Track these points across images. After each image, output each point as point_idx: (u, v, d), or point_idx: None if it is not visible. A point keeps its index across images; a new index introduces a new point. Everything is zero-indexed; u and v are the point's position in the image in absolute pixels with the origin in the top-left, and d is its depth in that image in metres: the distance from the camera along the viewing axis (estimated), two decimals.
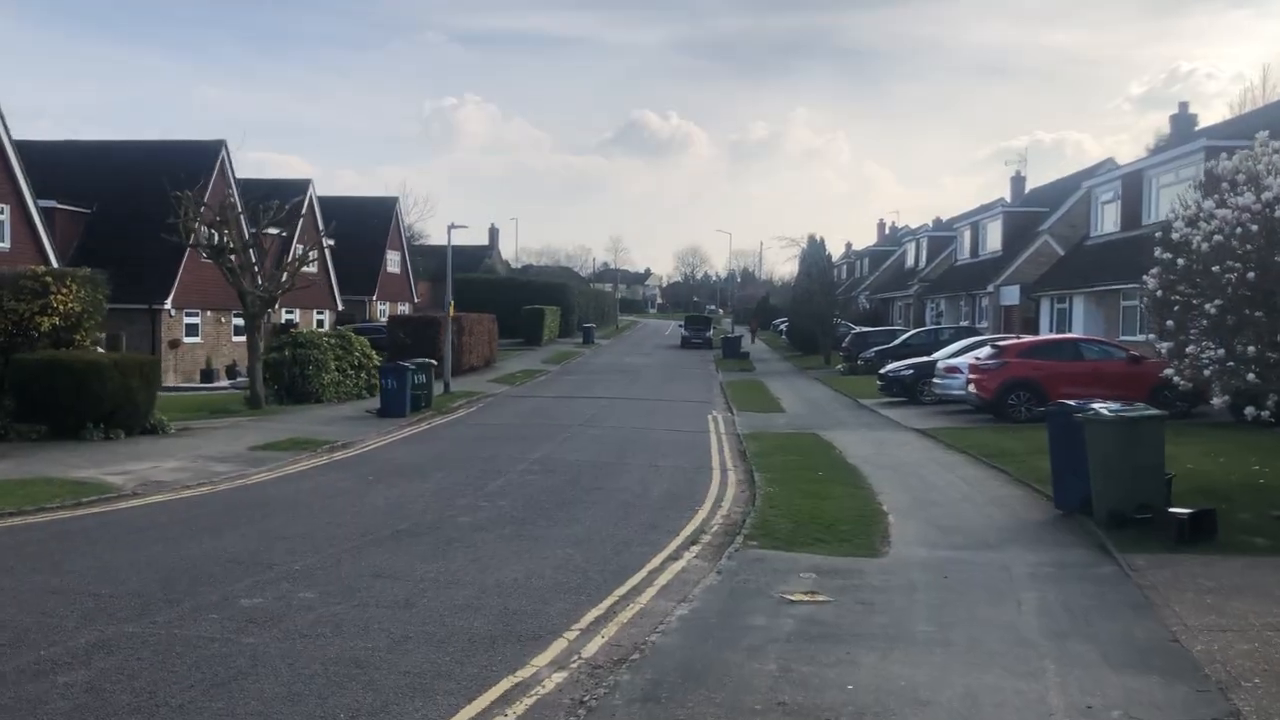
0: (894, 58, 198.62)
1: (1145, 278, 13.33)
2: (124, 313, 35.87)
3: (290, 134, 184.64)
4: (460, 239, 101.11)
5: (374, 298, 60.67)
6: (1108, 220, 33.61)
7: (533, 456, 17.39)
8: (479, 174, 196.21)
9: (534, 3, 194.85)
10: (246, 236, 26.30)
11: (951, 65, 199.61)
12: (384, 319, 53.66)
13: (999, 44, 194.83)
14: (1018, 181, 53.39)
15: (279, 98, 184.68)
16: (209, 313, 39.23)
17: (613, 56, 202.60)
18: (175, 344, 37.21)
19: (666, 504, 13.15)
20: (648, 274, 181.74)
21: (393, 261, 64.59)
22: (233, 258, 24.78)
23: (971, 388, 22.88)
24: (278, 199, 50.15)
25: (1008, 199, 51.90)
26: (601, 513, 12.40)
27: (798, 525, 11.51)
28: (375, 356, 29.17)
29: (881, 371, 29.09)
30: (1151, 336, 13.71)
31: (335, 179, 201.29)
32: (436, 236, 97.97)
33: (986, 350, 23.52)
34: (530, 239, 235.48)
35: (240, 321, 41.64)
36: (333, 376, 27.15)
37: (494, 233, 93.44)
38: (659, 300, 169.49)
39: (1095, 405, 11.71)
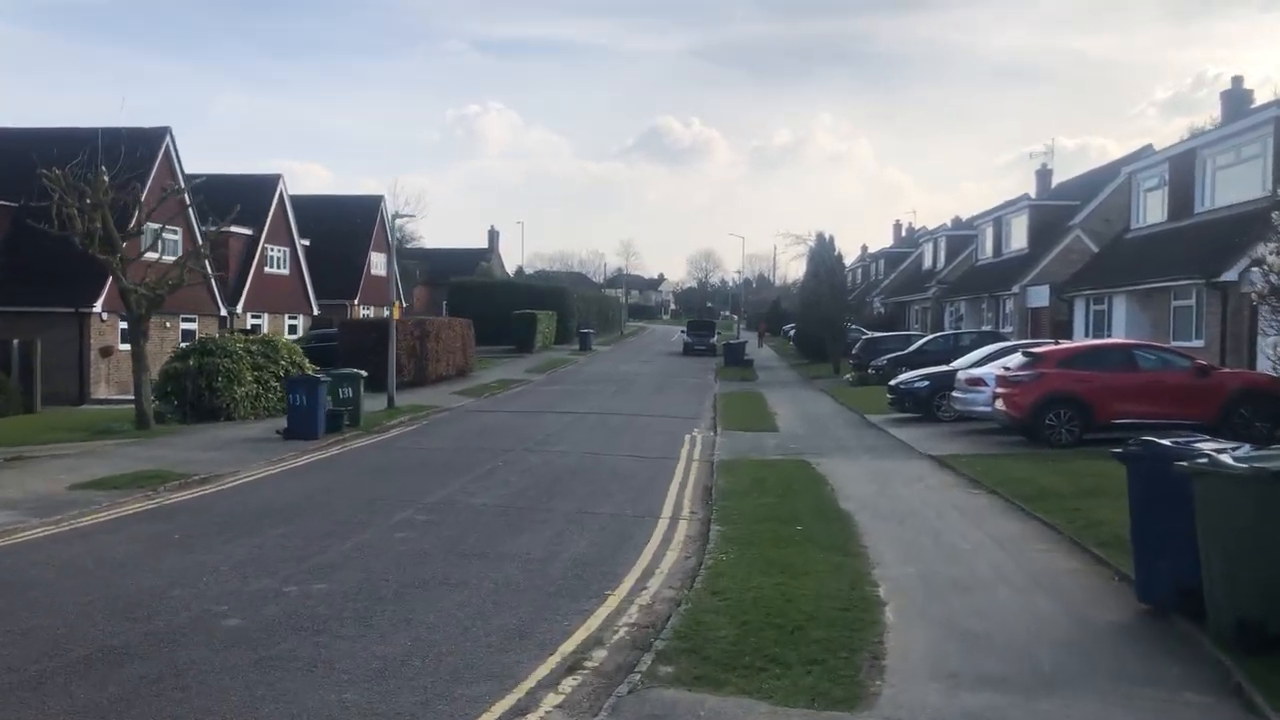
0: (916, 63, 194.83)
1: (1268, 254, 9.17)
2: (45, 317, 32.24)
3: (312, 142, 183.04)
4: (457, 241, 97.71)
5: (355, 301, 56.85)
6: (1152, 210, 29.38)
7: (430, 498, 13.38)
8: (499, 181, 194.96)
9: (556, 10, 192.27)
10: (195, 231, 22.90)
11: (974, 71, 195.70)
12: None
13: (1022, 49, 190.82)
14: (1043, 175, 48.95)
15: (301, 106, 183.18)
16: (151, 317, 35.30)
17: (635, 63, 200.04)
18: (107, 351, 33.38)
19: (566, 584, 9.11)
20: (661, 279, 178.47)
21: (377, 263, 60.77)
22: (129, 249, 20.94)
23: (1000, 404, 18.76)
24: (240, 195, 46.75)
25: (1032, 194, 47.48)
26: (458, 604, 8.37)
27: (745, 630, 7.47)
28: (308, 366, 25.26)
29: (892, 383, 24.95)
30: (1276, 339, 9.55)
31: (355, 186, 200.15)
32: (430, 238, 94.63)
33: (1018, 358, 19.38)
34: (546, 245, 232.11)
35: (190, 326, 38.01)
36: (248, 390, 23.26)
37: (493, 235, 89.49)
38: (672, 306, 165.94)
39: (1205, 445, 7.64)
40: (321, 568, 9.53)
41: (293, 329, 49.12)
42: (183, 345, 26.65)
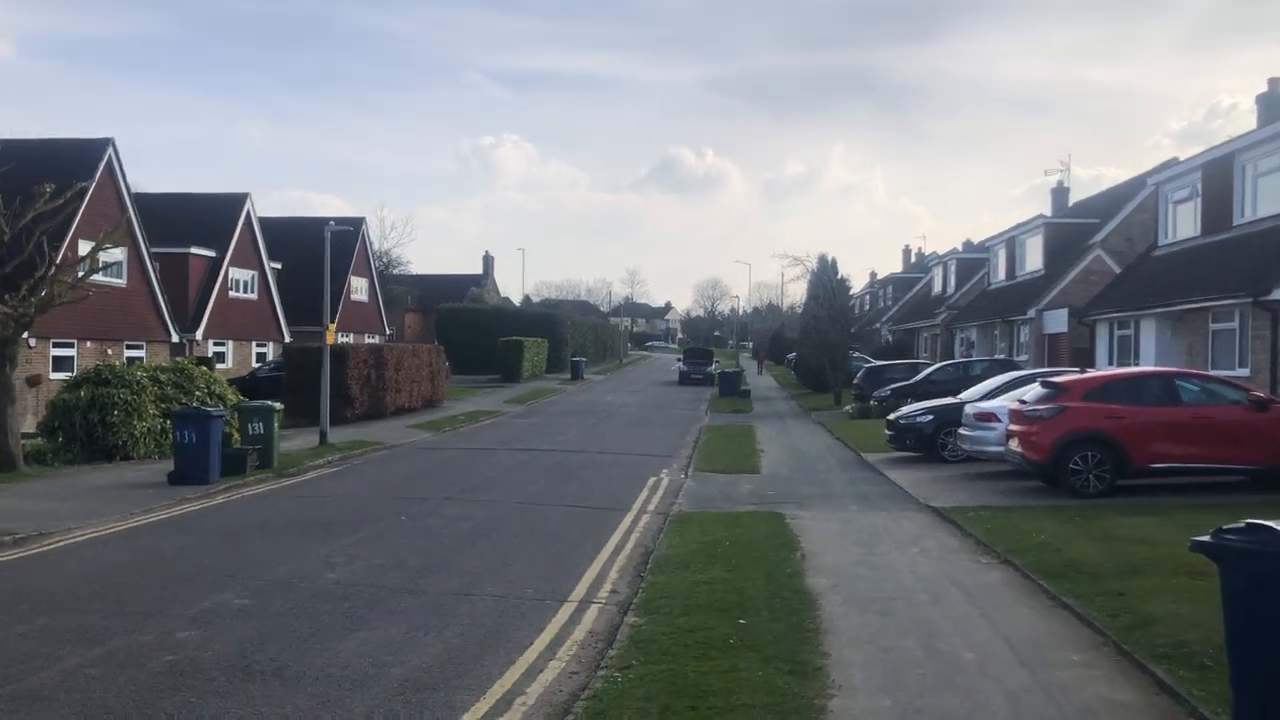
0: (929, 95, 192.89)
1: None
2: None
3: (328, 173, 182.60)
4: (450, 267, 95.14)
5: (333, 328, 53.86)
6: (1183, 224, 26.33)
7: (275, 572, 10.36)
8: (513, 212, 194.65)
9: (572, 43, 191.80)
10: (142, 250, 20.11)
11: (987, 102, 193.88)
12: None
13: (1035, 81, 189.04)
14: (1059, 193, 46.00)
15: (319, 138, 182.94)
16: (89, 343, 32.57)
17: (649, 95, 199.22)
18: (35, 381, 30.49)
19: None
20: (668, 308, 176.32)
21: (359, 289, 57.96)
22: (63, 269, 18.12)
23: (1015, 444, 15.69)
24: (201, 214, 44.13)
25: (1048, 213, 44.44)
26: None
27: None
28: (231, 397, 22.34)
29: (891, 417, 21.86)
30: None
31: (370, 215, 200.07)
32: (418, 263, 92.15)
33: (1036, 390, 16.32)
34: (555, 274, 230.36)
35: (137, 354, 35.15)
36: (151, 424, 20.32)
37: (488, 261, 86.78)
38: (679, 334, 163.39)
39: None
40: (17, 699, 6.51)
41: (261, 356, 46.45)
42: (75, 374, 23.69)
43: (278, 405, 19.54)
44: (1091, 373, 17.41)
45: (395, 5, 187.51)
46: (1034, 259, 39.13)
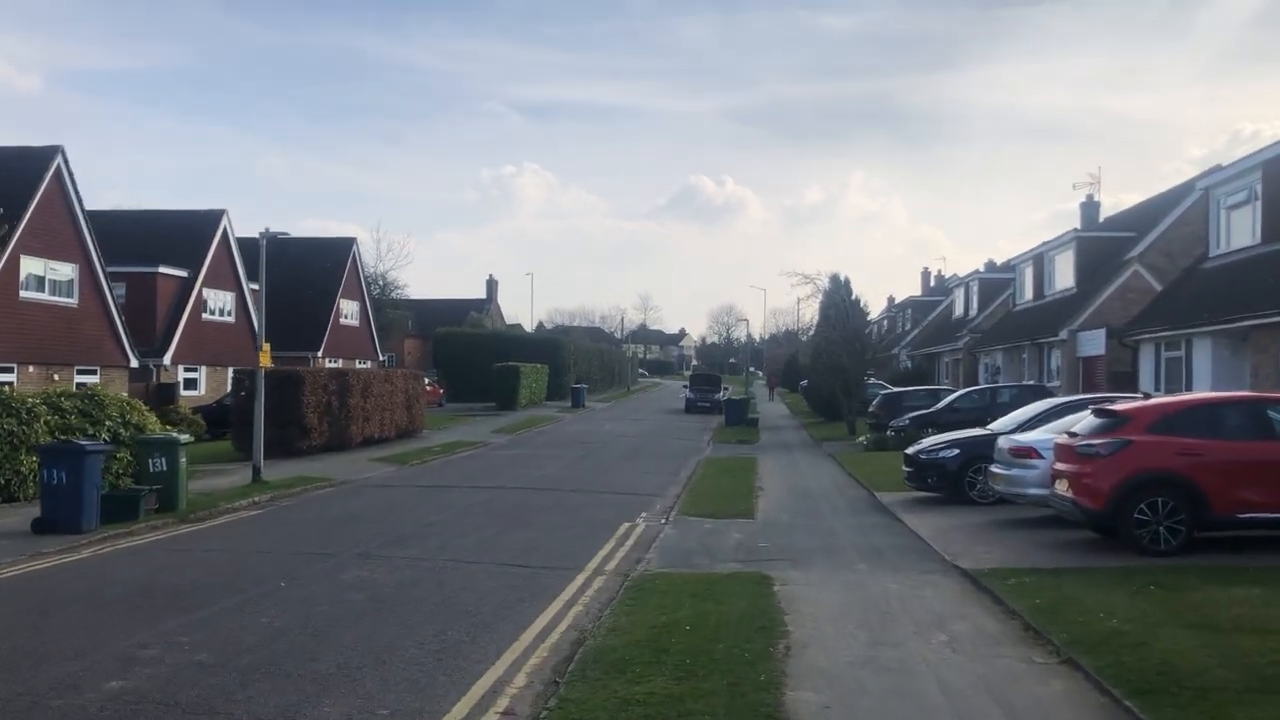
0: (949, 122, 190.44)
1: None
2: None
3: (350, 204, 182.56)
4: (452, 291, 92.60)
5: (319, 353, 51.15)
6: (1239, 231, 23.24)
7: (34, 679, 7.39)
8: (532, 239, 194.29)
9: (592, 74, 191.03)
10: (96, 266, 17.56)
11: (1007, 130, 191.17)
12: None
13: (1055, 108, 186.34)
14: (1089, 207, 42.83)
15: (339, 168, 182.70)
16: (31, 368, 29.84)
17: (670, 125, 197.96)
18: None
19: None
20: (682, 334, 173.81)
21: (348, 312, 55.21)
22: None
23: (1063, 486, 12.60)
24: (183, 231, 41.60)
25: (1079, 226, 41.31)
26: None
27: None
28: (153, 427, 19.49)
29: (910, 451, 18.77)
30: None
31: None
32: (430, 289, 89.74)
33: (1088, 420, 13.21)
34: (571, 301, 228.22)
35: (89, 379, 32.38)
36: None
37: (492, 285, 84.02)
38: (694, 361, 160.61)
39: None
40: None
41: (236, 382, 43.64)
42: None
43: (184, 438, 16.66)
44: (1156, 399, 14.30)
45: (416, 38, 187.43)
46: (1065, 276, 36.05)
